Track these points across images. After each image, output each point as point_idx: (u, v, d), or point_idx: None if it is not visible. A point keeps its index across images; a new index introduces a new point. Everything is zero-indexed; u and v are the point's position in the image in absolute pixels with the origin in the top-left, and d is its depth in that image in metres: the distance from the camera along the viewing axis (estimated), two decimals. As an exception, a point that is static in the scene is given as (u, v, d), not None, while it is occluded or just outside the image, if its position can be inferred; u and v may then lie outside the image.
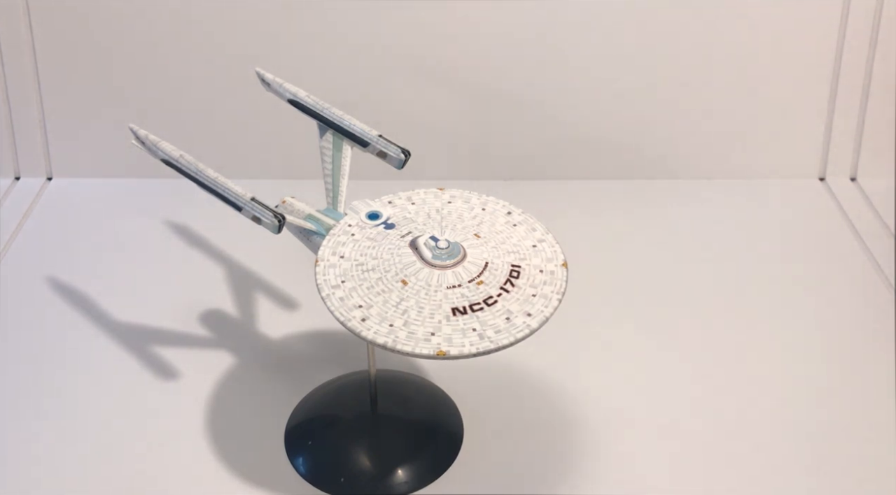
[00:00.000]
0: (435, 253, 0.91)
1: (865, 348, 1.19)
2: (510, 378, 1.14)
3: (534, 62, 1.44)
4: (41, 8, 1.41)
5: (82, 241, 1.36)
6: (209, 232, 1.37)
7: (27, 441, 1.06)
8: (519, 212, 0.98)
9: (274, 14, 1.41)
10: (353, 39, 1.42)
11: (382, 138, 1.02)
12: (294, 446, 1.05)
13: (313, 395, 1.10)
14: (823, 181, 1.50)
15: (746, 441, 1.06)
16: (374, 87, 1.45)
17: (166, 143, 0.99)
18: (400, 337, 0.84)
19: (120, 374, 1.14)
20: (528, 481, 1.02)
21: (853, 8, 1.42)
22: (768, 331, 1.21)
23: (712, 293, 1.27)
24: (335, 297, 0.88)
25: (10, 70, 1.44)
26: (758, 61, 1.45)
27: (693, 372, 1.15)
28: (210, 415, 1.09)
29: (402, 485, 1.01)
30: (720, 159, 1.49)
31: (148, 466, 1.03)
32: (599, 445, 1.05)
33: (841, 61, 1.45)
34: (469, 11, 1.41)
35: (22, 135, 1.47)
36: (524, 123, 1.47)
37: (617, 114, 1.47)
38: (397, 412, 1.08)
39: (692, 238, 1.38)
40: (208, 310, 1.23)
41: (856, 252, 1.35)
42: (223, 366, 1.15)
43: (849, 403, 1.11)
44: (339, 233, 0.95)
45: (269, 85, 1.08)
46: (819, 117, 1.48)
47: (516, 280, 0.90)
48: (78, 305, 1.24)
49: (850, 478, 1.02)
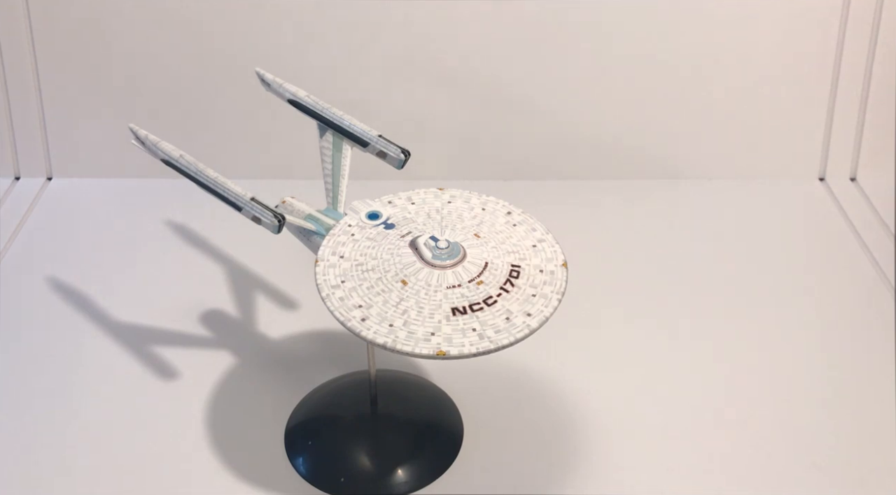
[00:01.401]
0: (435, 253, 0.91)
1: (865, 348, 1.19)
2: (510, 378, 1.14)
3: (534, 62, 1.44)
4: (41, 8, 1.41)
5: (82, 241, 1.36)
6: (209, 232, 1.37)
7: (27, 440, 1.06)
8: (519, 212, 0.98)
9: (274, 14, 1.41)
10: (353, 39, 1.42)
11: (382, 138, 1.02)
12: (294, 446, 1.05)
13: (313, 395, 1.10)
14: (823, 181, 1.50)
15: (746, 441, 1.06)
16: (374, 86, 1.45)
17: (166, 143, 0.99)
18: (400, 337, 0.84)
19: (120, 374, 1.14)
20: (527, 481, 1.02)
21: (853, 8, 1.42)
22: (768, 331, 1.21)
23: (712, 293, 1.27)
24: (335, 297, 0.88)
25: (10, 70, 1.44)
26: (758, 61, 1.45)
27: (693, 372, 1.15)
28: (210, 415, 1.09)
29: (402, 485, 1.01)
30: (720, 159, 1.49)
31: (148, 466, 1.03)
32: (599, 445, 1.05)
33: (841, 61, 1.45)
34: (469, 11, 1.41)
35: (22, 135, 1.47)
36: (524, 123, 1.47)
37: (617, 114, 1.47)
38: (397, 412, 1.08)
39: (692, 238, 1.38)
40: (208, 310, 1.23)
41: (856, 252, 1.35)
42: (223, 366, 1.15)
43: (849, 403, 1.11)
44: (338, 233, 0.95)
45: (269, 85, 1.08)
46: (819, 117, 1.48)
47: (516, 280, 0.90)
48: (78, 305, 1.24)
49: (850, 478, 1.02)
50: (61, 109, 1.46)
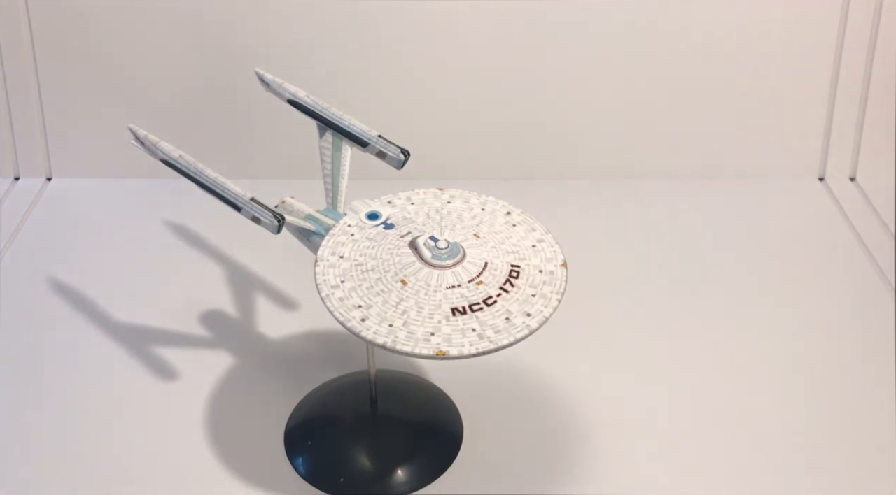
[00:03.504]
0: (434, 253, 0.91)
1: (865, 348, 1.19)
2: (510, 378, 1.14)
3: (534, 62, 1.44)
4: (41, 8, 1.41)
5: (82, 241, 1.36)
6: (209, 232, 1.37)
7: (27, 440, 1.06)
8: (518, 212, 0.98)
9: (274, 14, 1.41)
10: (353, 39, 1.42)
11: (382, 138, 1.02)
12: (294, 446, 1.05)
13: (313, 395, 1.10)
14: (823, 181, 1.50)
15: (746, 441, 1.06)
16: (374, 87, 1.45)
17: (166, 143, 0.99)
18: (399, 337, 0.84)
19: (120, 374, 1.14)
20: (527, 481, 1.02)
21: (853, 8, 1.42)
22: (768, 331, 1.21)
23: (712, 293, 1.27)
24: (335, 297, 0.88)
25: (10, 70, 1.44)
26: (758, 61, 1.45)
27: (693, 372, 1.15)
28: (210, 415, 1.09)
29: (402, 485, 1.01)
30: (720, 159, 1.49)
31: (148, 466, 1.03)
32: (599, 445, 1.05)
33: (841, 61, 1.45)
34: (469, 11, 1.41)
35: (22, 135, 1.47)
36: (524, 123, 1.47)
37: (617, 114, 1.47)
38: (397, 412, 1.08)
39: (692, 238, 1.38)
40: (208, 310, 1.23)
41: (855, 252, 1.35)
42: (223, 365, 1.15)
43: (849, 403, 1.11)
44: (338, 234, 0.95)
45: (269, 85, 1.08)
46: (819, 117, 1.48)
47: (516, 280, 0.90)
48: (78, 305, 1.24)
49: (850, 478, 1.02)
50: (61, 109, 1.46)
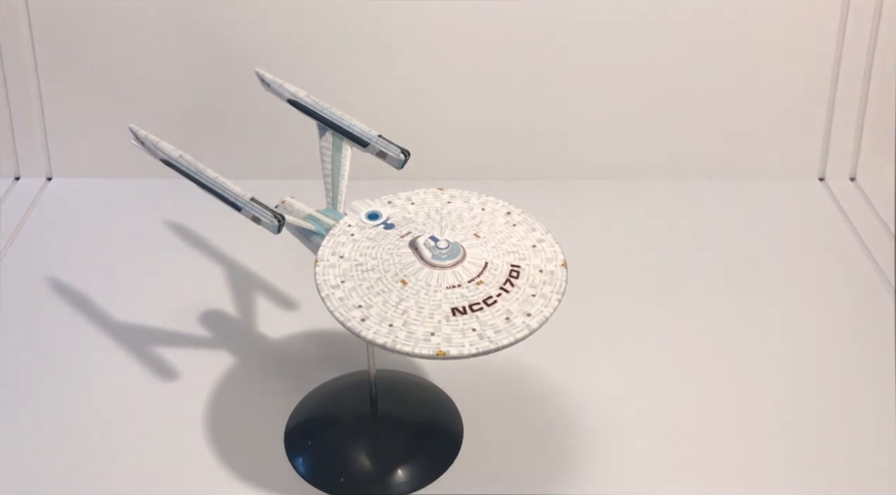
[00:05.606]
0: (434, 253, 0.91)
1: (865, 348, 1.19)
2: (510, 378, 1.14)
3: (534, 62, 1.44)
4: (41, 8, 1.41)
5: (82, 241, 1.36)
6: (209, 232, 1.37)
7: (27, 440, 1.06)
8: (519, 212, 0.98)
9: (274, 14, 1.41)
10: (353, 39, 1.42)
11: (382, 138, 1.02)
12: (294, 446, 1.05)
13: (313, 395, 1.10)
14: (823, 181, 1.50)
15: (746, 441, 1.06)
16: (374, 87, 1.45)
17: (166, 143, 0.99)
18: (399, 337, 0.84)
19: (120, 374, 1.14)
20: (527, 481, 1.02)
21: (853, 8, 1.42)
22: (768, 331, 1.21)
23: (712, 293, 1.27)
24: (335, 297, 0.88)
25: (9, 70, 1.44)
26: (758, 61, 1.45)
27: (693, 372, 1.15)
28: (210, 415, 1.09)
29: (402, 485, 1.01)
30: (720, 159, 1.49)
31: (148, 466, 1.03)
32: (599, 445, 1.05)
33: (841, 61, 1.45)
34: (469, 12, 1.41)
35: (22, 135, 1.47)
36: (524, 123, 1.47)
37: (617, 114, 1.47)
38: (397, 412, 1.08)
39: (692, 238, 1.38)
40: (208, 310, 1.23)
41: (855, 252, 1.35)
42: (223, 365, 1.15)
43: (849, 403, 1.11)
44: (338, 234, 0.95)
45: (269, 85, 1.08)
46: (819, 117, 1.48)
47: (516, 280, 0.90)
48: (78, 305, 1.24)
49: (849, 478, 1.02)
50: (61, 109, 1.46)
